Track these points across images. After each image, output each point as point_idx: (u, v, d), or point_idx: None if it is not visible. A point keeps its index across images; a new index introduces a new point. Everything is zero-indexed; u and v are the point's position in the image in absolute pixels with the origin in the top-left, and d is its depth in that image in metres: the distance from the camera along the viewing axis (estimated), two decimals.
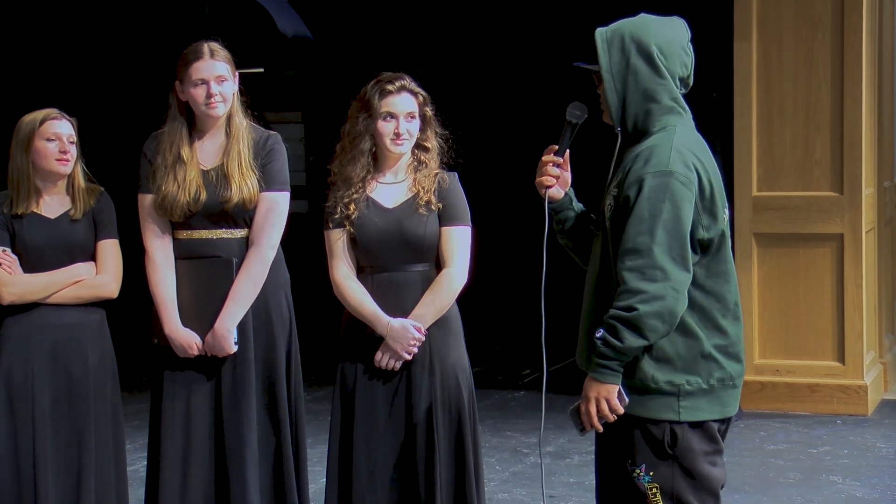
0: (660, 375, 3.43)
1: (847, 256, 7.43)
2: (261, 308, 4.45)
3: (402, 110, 4.36)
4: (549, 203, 3.70)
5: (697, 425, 3.47)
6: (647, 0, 6.09)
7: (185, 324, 4.42)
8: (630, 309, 3.34)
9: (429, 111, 4.44)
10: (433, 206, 4.35)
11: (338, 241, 4.37)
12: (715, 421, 3.51)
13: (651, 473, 3.46)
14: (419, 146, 4.43)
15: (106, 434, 4.63)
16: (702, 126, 3.65)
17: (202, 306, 4.42)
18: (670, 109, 3.51)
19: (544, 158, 3.69)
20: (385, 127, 4.35)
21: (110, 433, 4.64)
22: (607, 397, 3.40)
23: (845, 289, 7.44)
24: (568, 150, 3.69)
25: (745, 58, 7.52)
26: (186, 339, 4.41)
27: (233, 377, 4.43)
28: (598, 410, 3.41)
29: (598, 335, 3.38)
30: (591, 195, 3.79)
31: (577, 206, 3.78)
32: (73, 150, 4.62)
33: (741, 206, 7.55)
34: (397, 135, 4.35)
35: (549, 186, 3.69)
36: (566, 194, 3.75)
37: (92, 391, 4.60)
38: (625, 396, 3.41)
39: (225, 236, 4.45)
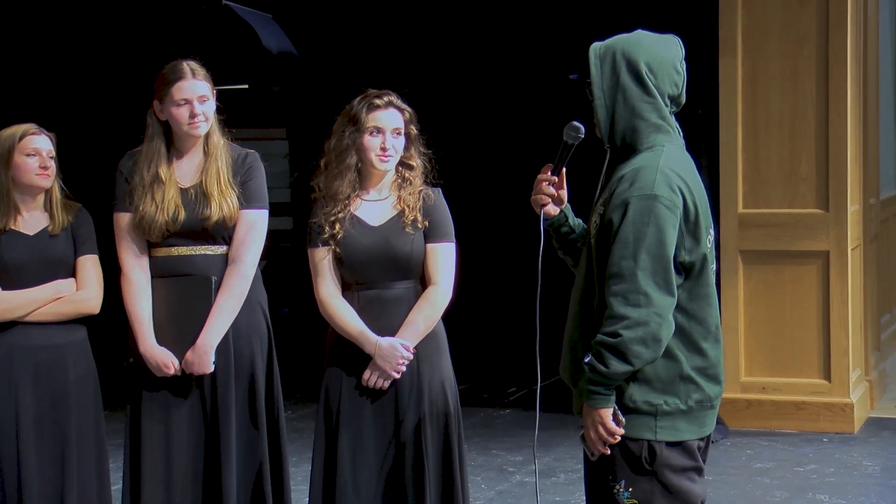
0: (638, 395, 3.45)
1: (833, 273, 7.42)
2: (240, 326, 4.43)
3: (389, 125, 4.36)
4: (548, 220, 3.73)
5: (675, 443, 3.49)
6: (628, 16, 6.09)
7: (161, 342, 4.39)
8: (614, 335, 3.37)
9: (413, 129, 4.44)
10: (419, 224, 4.36)
11: (323, 259, 4.36)
12: (693, 439, 3.52)
13: (630, 489, 3.48)
14: (403, 164, 4.43)
15: (89, 453, 4.60)
16: (687, 144, 3.64)
17: (180, 325, 4.39)
18: (658, 128, 3.53)
19: (540, 177, 3.72)
20: (371, 142, 4.34)
21: (93, 452, 4.63)
22: (602, 422, 3.43)
23: (831, 306, 7.43)
24: (565, 169, 3.71)
25: (730, 73, 7.52)
26: (162, 358, 4.38)
27: (213, 396, 4.41)
28: (597, 434, 3.44)
29: (586, 360, 3.41)
30: (584, 207, 3.78)
31: (576, 222, 3.80)
32: (53, 165, 4.61)
33: (727, 223, 7.54)
34: (384, 150, 4.34)
35: (544, 205, 3.72)
36: (562, 212, 3.77)
37: (74, 411, 4.57)
38: (621, 417, 3.43)
39: (204, 252, 4.43)
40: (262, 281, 4.53)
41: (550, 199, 3.71)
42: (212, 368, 4.38)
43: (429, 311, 4.34)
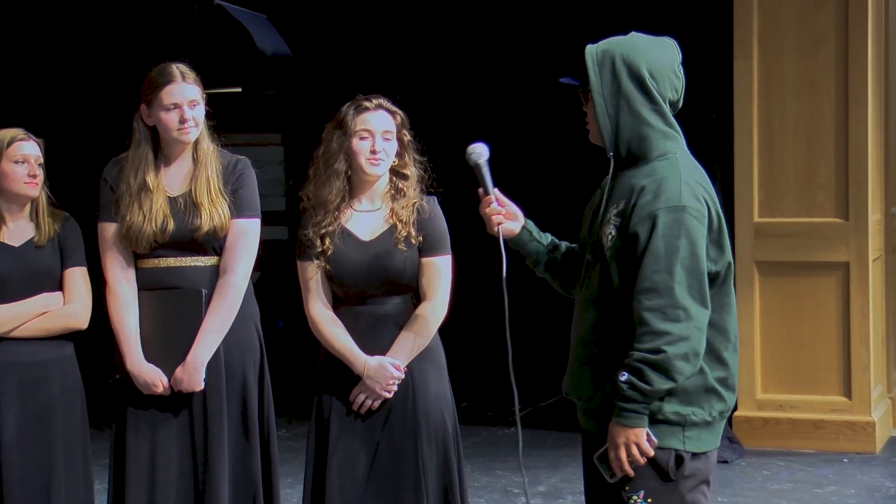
0: (666, 407, 3.50)
1: (853, 285, 7.42)
2: (231, 341, 4.43)
3: (379, 128, 4.35)
4: (510, 240, 3.81)
5: (698, 454, 3.55)
6: (643, 16, 6.10)
7: (149, 359, 4.40)
8: (657, 351, 3.41)
9: (407, 135, 4.43)
10: (413, 240, 4.35)
11: (312, 275, 4.37)
12: (713, 450, 3.59)
13: (650, 500, 3.52)
14: (397, 173, 4.41)
15: (76, 474, 4.61)
16: (700, 150, 3.67)
17: (168, 340, 4.39)
18: (666, 135, 3.57)
19: (480, 207, 3.80)
20: (360, 145, 4.34)
21: (81, 473, 4.63)
22: (636, 441, 3.47)
23: (851, 319, 7.43)
24: (496, 189, 3.79)
25: (745, 76, 7.53)
26: (151, 375, 4.38)
27: (203, 414, 4.41)
28: (629, 454, 3.47)
29: (622, 379, 3.44)
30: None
31: (544, 236, 3.86)
32: (41, 173, 4.60)
33: (742, 233, 7.54)
34: (373, 153, 4.33)
35: (499, 223, 3.78)
36: (524, 228, 3.84)
37: (60, 430, 4.58)
38: (653, 437, 3.47)
39: (194, 264, 4.43)
40: (254, 294, 4.53)
41: (502, 216, 3.79)
42: (202, 386, 4.38)
43: (421, 329, 4.34)
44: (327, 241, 4.34)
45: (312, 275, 4.36)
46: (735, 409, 3.69)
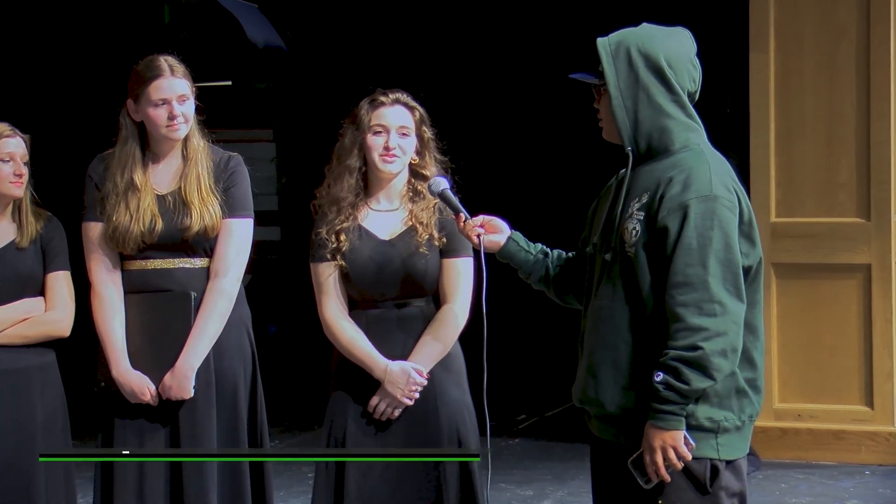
0: (700, 411, 3.51)
1: (875, 289, 7.41)
2: (222, 347, 4.44)
3: (395, 123, 4.34)
4: (498, 253, 3.88)
5: (730, 462, 3.57)
6: (655, 7, 6.10)
7: (136, 366, 4.40)
8: (694, 348, 3.41)
9: (427, 132, 4.41)
10: (435, 242, 4.34)
11: (327, 276, 4.35)
12: (743, 457, 3.61)
13: None
14: (416, 174, 4.40)
15: (58, 488, 4.60)
16: (715, 146, 3.67)
17: (156, 346, 4.40)
18: (687, 126, 3.59)
19: (458, 226, 3.94)
20: (374, 141, 4.33)
21: (62, 487, 4.62)
22: (674, 445, 3.47)
23: (873, 324, 7.42)
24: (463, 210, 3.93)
25: (761, 70, 7.53)
26: (137, 383, 4.38)
27: (192, 424, 4.41)
28: (665, 459, 3.47)
29: (657, 379, 3.44)
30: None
31: (535, 247, 3.90)
32: (27, 171, 4.60)
33: (758, 234, 7.53)
34: (387, 149, 4.32)
35: (479, 235, 3.85)
36: (510, 239, 3.88)
37: (42, 441, 4.58)
38: (690, 440, 3.48)
39: (183, 266, 4.44)
40: (245, 297, 4.53)
41: (482, 228, 3.85)
42: (191, 394, 4.38)
43: (443, 333, 4.33)
44: (342, 238, 4.33)
45: (327, 275, 4.34)
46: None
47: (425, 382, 4.30)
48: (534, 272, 3.88)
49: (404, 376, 4.27)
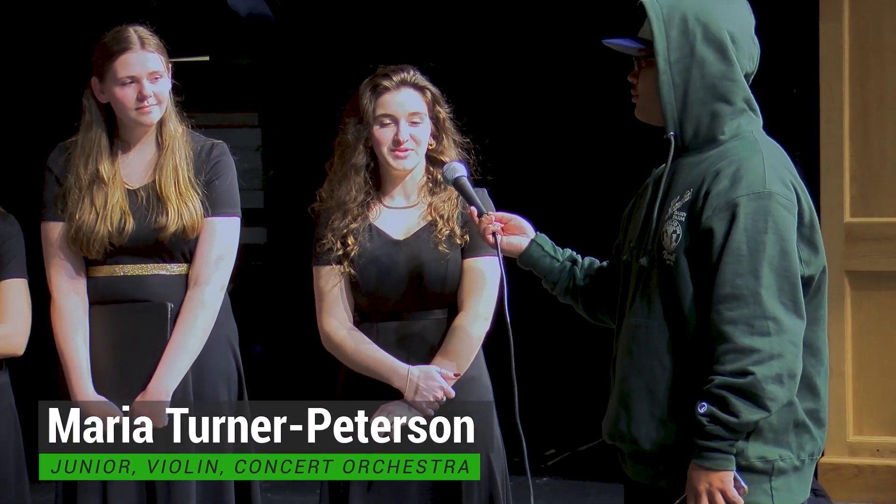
0: (751, 449, 3.49)
1: None
2: (203, 367, 4.47)
3: (404, 111, 4.36)
4: (519, 258, 3.87)
5: None
6: None
7: (101, 389, 4.43)
8: (743, 373, 3.40)
9: (443, 112, 4.43)
10: (457, 239, 4.37)
11: (332, 285, 4.38)
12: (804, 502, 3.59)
13: None
14: (435, 161, 4.42)
15: None
16: (777, 135, 3.69)
17: (125, 366, 4.43)
18: (742, 112, 3.59)
19: (476, 224, 3.95)
20: (382, 134, 4.36)
21: None
22: (722, 488, 3.46)
23: None
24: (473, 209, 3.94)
25: (833, 43, 7.55)
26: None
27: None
28: None
29: (701, 411, 3.43)
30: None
31: (563, 253, 3.89)
32: None
33: (830, 237, 7.54)
34: (397, 143, 4.35)
35: (494, 232, 3.86)
36: (534, 242, 3.87)
37: None
38: (742, 483, 3.47)
39: (158, 273, 4.48)
40: (230, 309, 4.56)
41: (499, 227, 3.87)
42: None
43: (465, 342, 4.33)
44: (350, 241, 4.36)
45: (330, 282, 4.38)
46: (821, 453, 3.69)
47: (452, 393, 4.28)
48: (559, 282, 3.88)
49: (429, 380, 4.26)
